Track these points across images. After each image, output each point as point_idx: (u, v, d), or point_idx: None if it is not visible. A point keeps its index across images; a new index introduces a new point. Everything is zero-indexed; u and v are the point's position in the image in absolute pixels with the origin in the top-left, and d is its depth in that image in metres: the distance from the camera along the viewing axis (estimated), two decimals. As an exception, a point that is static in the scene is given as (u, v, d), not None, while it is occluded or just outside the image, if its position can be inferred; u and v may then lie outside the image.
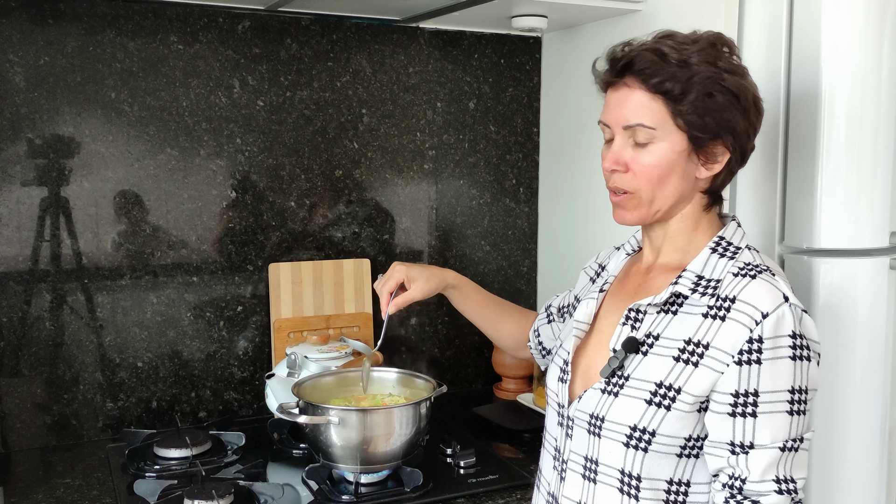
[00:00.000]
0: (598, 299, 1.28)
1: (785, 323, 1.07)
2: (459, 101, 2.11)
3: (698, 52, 1.11)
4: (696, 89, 1.10)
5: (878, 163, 1.48)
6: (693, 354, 1.10)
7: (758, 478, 1.06)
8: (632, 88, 1.13)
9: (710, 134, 1.12)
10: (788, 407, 1.06)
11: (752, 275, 1.11)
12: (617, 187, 1.17)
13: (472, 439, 1.76)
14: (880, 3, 1.45)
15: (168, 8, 1.79)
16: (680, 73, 1.10)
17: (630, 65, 1.13)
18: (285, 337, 1.91)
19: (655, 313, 1.16)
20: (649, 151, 1.13)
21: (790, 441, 1.07)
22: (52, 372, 1.76)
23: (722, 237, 1.18)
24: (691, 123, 1.11)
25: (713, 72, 1.11)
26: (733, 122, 1.13)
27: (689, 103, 1.10)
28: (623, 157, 1.15)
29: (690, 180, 1.16)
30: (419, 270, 1.47)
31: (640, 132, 1.13)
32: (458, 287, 1.51)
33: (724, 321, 1.09)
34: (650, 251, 1.25)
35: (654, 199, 1.15)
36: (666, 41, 1.13)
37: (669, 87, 1.10)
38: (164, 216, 1.83)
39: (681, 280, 1.15)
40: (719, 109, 1.11)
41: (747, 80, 1.15)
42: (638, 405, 1.11)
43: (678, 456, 1.11)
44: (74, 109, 1.73)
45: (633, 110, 1.13)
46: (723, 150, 1.15)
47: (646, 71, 1.11)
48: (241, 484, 1.48)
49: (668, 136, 1.12)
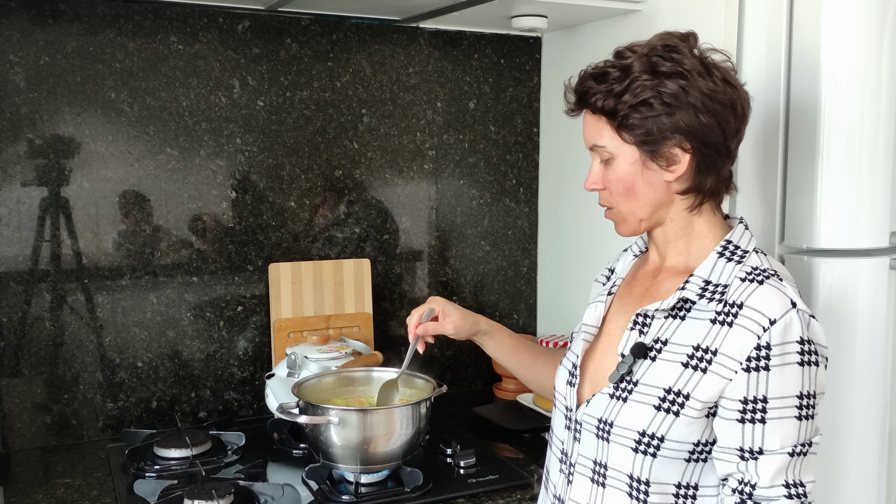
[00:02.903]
0: (607, 302, 1.28)
1: (793, 329, 1.06)
2: (459, 101, 2.11)
3: (638, 59, 1.14)
4: (629, 101, 1.12)
5: (878, 163, 1.48)
6: (701, 361, 1.10)
7: (767, 483, 1.06)
8: (586, 112, 1.20)
9: (657, 139, 1.13)
10: (797, 412, 1.07)
11: (760, 280, 1.11)
12: (602, 205, 1.24)
13: (472, 439, 1.76)
14: (880, 4, 1.45)
15: (168, 8, 1.79)
16: (617, 86, 1.13)
17: (577, 91, 1.20)
18: (285, 337, 1.91)
19: (663, 318, 1.16)
20: (612, 168, 1.18)
21: (799, 446, 1.07)
22: (52, 372, 1.76)
23: (729, 241, 1.17)
24: (634, 134, 1.14)
25: (648, 80, 1.12)
26: (677, 123, 1.12)
27: (623, 116, 1.13)
28: (597, 177, 1.21)
29: (660, 186, 1.16)
30: (455, 308, 1.43)
31: (600, 152, 1.19)
32: (491, 333, 1.46)
33: (732, 327, 1.09)
34: (656, 254, 1.25)
35: (631, 210, 1.20)
36: (614, 59, 1.18)
37: (603, 105, 1.15)
38: (164, 216, 1.83)
39: (688, 286, 1.15)
40: (657, 115, 1.12)
41: (693, 80, 1.12)
42: (646, 411, 1.11)
43: (687, 461, 1.11)
44: (74, 109, 1.73)
45: (589, 132, 1.20)
46: (680, 151, 1.14)
47: (587, 94, 1.17)
48: (241, 484, 1.48)
49: (620, 150, 1.16)
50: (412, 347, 1.42)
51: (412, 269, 2.11)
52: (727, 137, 1.16)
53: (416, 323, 1.41)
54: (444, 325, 1.41)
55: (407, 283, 2.11)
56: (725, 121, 1.14)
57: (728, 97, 1.14)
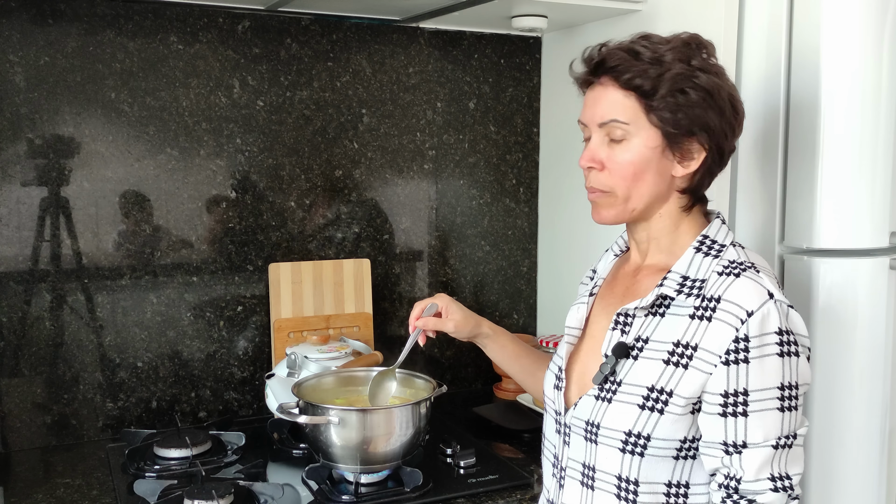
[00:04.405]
0: (589, 303, 1.27)
1: (770, 320, 1.06)
2: (459, 101, 2.11)
3: (671, 49, 1.12)
4: (668, 85, 1.10)
5: (878, 163, 1.48)
6: (682, 357, 1.10)
7: (752, 477, 1.06)
8: (605, 86, 1.14)
9: (684, 130, 1.12)
10: (779, 404, 1.07)
11: (737, 273, 1.11)
12: (593, 186, 1.18)
13: (472, 439, 1.76)
14: (880, 4, 1.45)
15: (168, 8, 1.79)
16: (652, 69, 1.11)
17: (603, 63, 1.14)
18: (285, 337, 1.91)
19: (643, 316, 1.16)
20: (624, 148, 1.14)
21: (783, 438, 1.07)
22: (52, 372, 1.76)
23: (706, 236, 1.17)
24: (664, 119, 1.11)
25: (685, 69, 1.11)
26: (707, 120, 1.12)
27: (660, 98, 1.10)
28: (598, 155, 1.16)
29: (666, 178, 1.16)
30: (459, 307, 1.43)
31: (614, 128, 1.14)
32: (493, 338, 1.45)
33: (711, 321, 1.09)
34: (637, 253, 1.25)
35: (629, 196, 1.16)
36: (641, 41, 1.15)
37: (640, 83, 1.11)
38: (164, 216, 1.83)
39: (666, 282, 1.14)
40: (692, 106, 1.11)
41: (723, 80, 1.15)
42: (631, 410, 1.11)
43: (675, 458, 1.11)
44: (74, 109, 1.73)
45: (606, 107, 1.14)
46: (698, 148, 1.14)
47: (618, 68, 1.12)
48: (241, 484, 1.48)
49: (642, 132, 1.13)
50: (411, 339, 1.42)
51: (412, 269, 2.11)
52: (731, 146, 1.18)
53: (417, 315, 1.41)
54: (446, 322, 1.41)
55: (407, 283, 2.11)
56: (735, 130, 1.17)
57: (742, 108, 1.17)
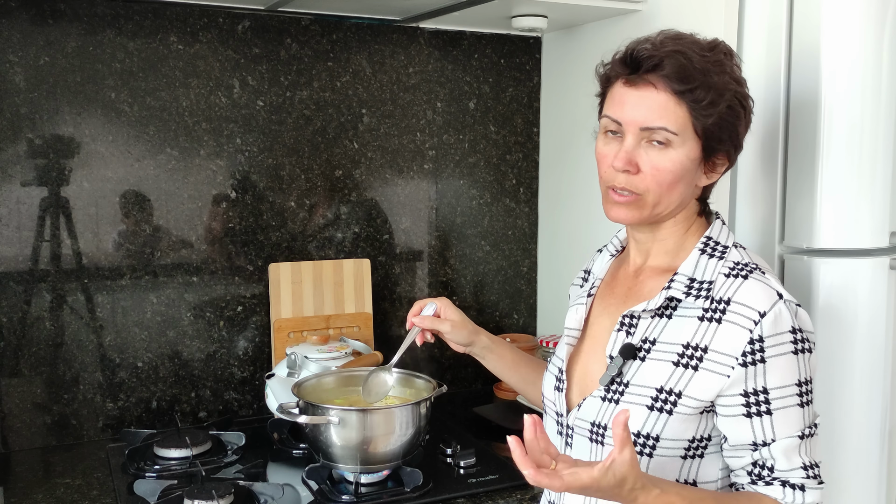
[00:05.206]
0: (587, 304, 1.27)
1: (783, 320, 1.07)
2: (459, 101, 2.11)
3: (716, 62, 1.11)
4: (723, 101, 1.10)
5: (878, 163, 1.48)
6: (692, 358, 1.10)
7: (786, 466, 1.09)
8: (658, 90, 1.09)
9: (722, 144, 1.14)
10: (799, 400, 1.08)
11: (744, 275, 1.11)
12: (625, 188, 1.14)
13: (472, 439, 1.76)
14: (880, 4, 1.45)
15: (168, 8, 1.79)
16: (708, 81, 1.09)
17: (659, 66, 1.09)
18: (285, 337, 1.91)
19: (650, 318, 1.16)
20: (665, 156, 1.11)
21: (806, 429, 1.09)
22: (52, 372, 1.76)
23: (709, 237, 1.18)
24: (710, 133, 1.11)
25: (733, 84, 1.12)
26: (738, 134, 1.15)
27: (715, 114, 1.10)
28: (635, 158, 1.12)
29: (692, 187, 1.16)
30: (457, 311, 1.43)
31: (659, 135, 1.10)
32: (491, 348, 1.45)
33: (721, 323, 1.09)
34: (637, 254, 1.24)
35: (659, 202, 1.14)
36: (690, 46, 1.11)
37: (700, 96, 1.08)
38: (164, 216, 1.83)
39: (674, 284, 1.15)
40: (733, 121, 1.12)
41: (746, 89, 1.16)
42: (640, 411, 1.11)
43: (683, 458, 1.11)
44: (74, 109, 1.73)
45: (656, 112, 1.10)
46: (723, 161, 1.16)
47: (676, 75, 1.08)
48: (241, 484, 1.48)
49: (687, 143, 1.11)
50: (409, 337, 1.43)
51: (412, 269, 2.11)
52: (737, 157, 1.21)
53: (416, 313, 1.42)
54: (442, 322, 1.41)
55: (407, 283, 2.11)
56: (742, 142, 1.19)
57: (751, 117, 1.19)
